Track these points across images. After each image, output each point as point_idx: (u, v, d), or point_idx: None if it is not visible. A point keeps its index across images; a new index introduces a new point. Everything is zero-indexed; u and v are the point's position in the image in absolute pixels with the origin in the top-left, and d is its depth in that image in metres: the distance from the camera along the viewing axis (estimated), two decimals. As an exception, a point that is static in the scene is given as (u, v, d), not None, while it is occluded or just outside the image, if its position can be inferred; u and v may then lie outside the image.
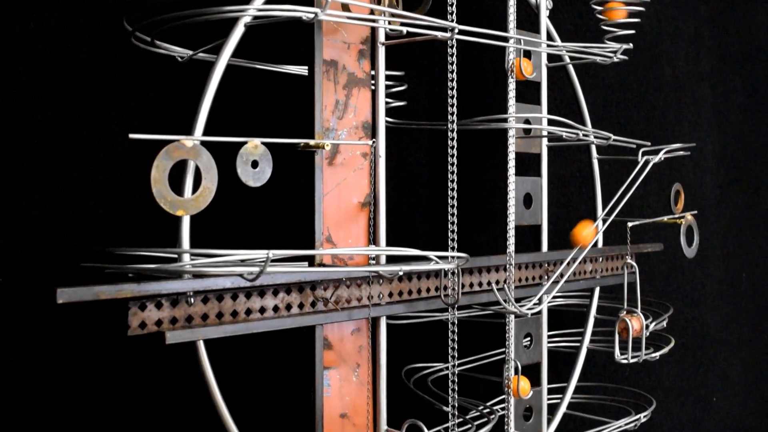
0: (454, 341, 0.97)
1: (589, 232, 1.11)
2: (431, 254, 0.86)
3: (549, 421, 1.22)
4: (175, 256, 0.78)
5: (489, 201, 1.32)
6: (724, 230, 1.88)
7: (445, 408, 1.05)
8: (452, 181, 0.94)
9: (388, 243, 0.97)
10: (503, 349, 1.12)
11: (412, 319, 1.16)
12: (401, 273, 0.86)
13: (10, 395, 0.83)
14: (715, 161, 1.84)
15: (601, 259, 1.26)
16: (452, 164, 0.94)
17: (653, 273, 1.67)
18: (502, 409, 1.13)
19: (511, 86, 1.07)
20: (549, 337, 1.31)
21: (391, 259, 0.95)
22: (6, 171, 0.82)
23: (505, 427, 1.09)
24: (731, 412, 1.92)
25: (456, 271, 0.93)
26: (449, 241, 0.91)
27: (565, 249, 1.15)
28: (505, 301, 1.00)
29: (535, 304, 1.03)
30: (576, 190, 1.47)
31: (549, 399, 1.24)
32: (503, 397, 1.11)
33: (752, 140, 1.96)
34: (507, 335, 1.08)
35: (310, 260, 0.89)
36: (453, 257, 0.89)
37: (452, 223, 0.93)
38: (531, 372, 1.25)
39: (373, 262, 0.94)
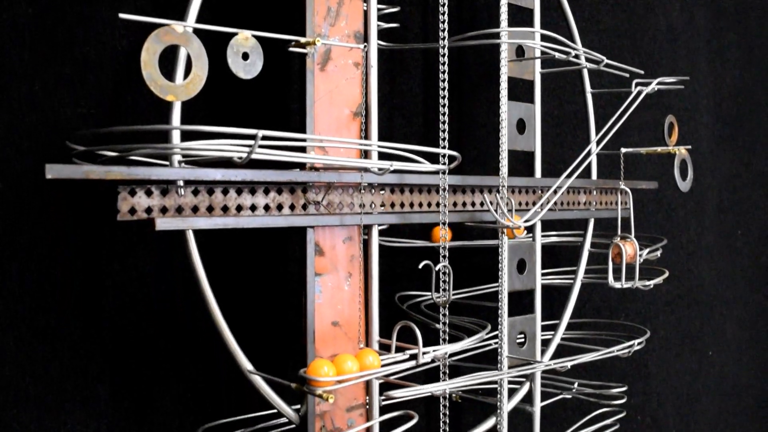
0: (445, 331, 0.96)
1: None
2: (420, 150, 0.85)
3: (543, 352, 1.22)
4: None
5: (483, 137, 1.32)
6: (720, 185, 1.88)
7: (436, 325, 1.05)
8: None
9: (381, 161, 0.97)
10: (496, 284, 1.12)
11: (405, 242, 1.16)
12: (391, 169, 0.86)
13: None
14: (710, 116, 1.84)
15: (595, 191, 1.26)
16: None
17: (648, 222, 1.67)
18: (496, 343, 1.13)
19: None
20: (543, 275, 1.31)
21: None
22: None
23: (499, 293, 1.09)
24: (727, 368, 1.92)
25: (447, 270, 0.93)
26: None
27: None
28: (496, 211, 0.99)
29: (528, 219, 1.03)
30: (570, 131, 1.47)
31: (543, 334, 1.24)
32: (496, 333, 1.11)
33: (747, 98, 1.96)
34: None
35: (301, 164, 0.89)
36: (444, 155, 0.89)
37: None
38: (525, 300, 1.25)
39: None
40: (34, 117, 0.83)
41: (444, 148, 0.90)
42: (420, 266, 1.03)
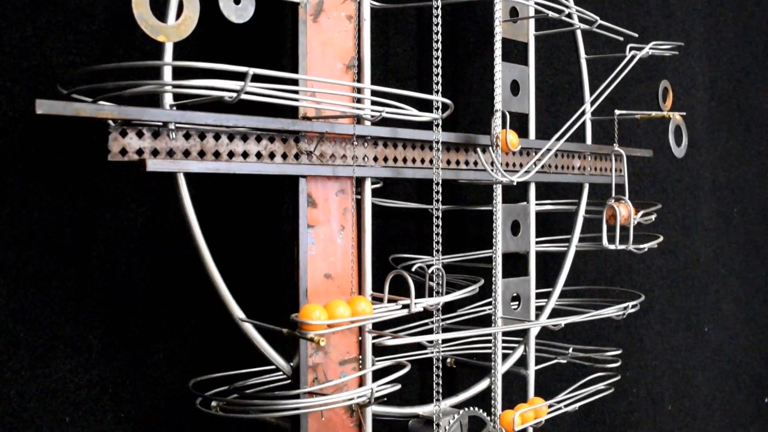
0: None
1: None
2: (413, 96, 0.85)
3: (538, 316, 1.21)
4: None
5: (478, 102, 1.32)
6: (715, 162, 1.88)
7: (430, 282, 1.05)
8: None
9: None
10: (490, 250, 1.11)
11: (398, 202, 1.16)
12: (384, 114, 0.85)
13: None
14: (705, 92, 1.84)
15: (589, 156, 1.26)
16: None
17: (643, 196, 1.67)
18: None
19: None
20: (539, 242, 1.31)
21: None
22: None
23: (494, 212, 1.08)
24: (723, 345, 1.92)
25: (441, 272, 0.92)
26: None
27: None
28: (491, 167, 0.99)
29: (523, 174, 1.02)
30: (565, 101, 1.47)
31: (538, 302, 1.23)
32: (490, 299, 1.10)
33: (743, 76, 1.96)
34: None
35: (294, 111, 0.89)
36: (437, 102, 0.89)
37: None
38: (520, 267, 1.25)
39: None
40: (25, 63, 0.83)
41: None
42: (413, 269, 1.02)
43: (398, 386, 0.89)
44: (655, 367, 1.70)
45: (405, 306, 0.87)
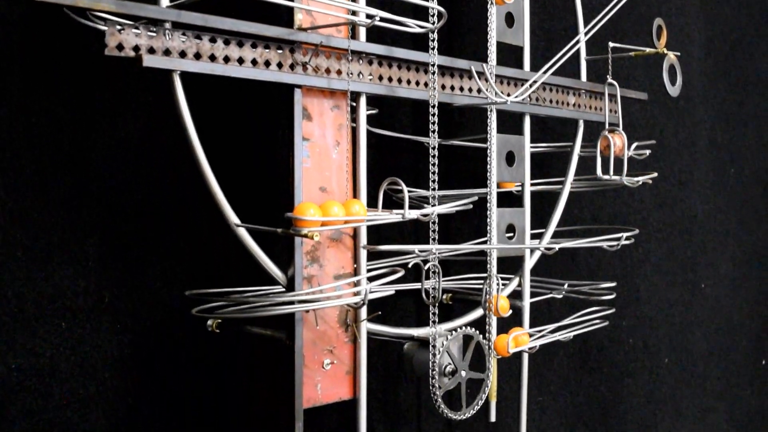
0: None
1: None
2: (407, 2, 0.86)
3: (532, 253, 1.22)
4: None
5: (473, 42, 1.33)
6: (712, 121, 1.89)
7: (426, 206, 1.06)
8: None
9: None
10: (486, 189, 1.12)
11: (393, 132, 1.17)
12: (378, 20, 0.86)
13: None
14: (702, 50, 1.85)
15: (584, 95, 1.27)
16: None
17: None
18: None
19: None
20: (533, 183, 1.31)
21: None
22: None
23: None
24: (720, 303, 1.93)
25: (438, 269, 0.93)
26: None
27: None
28: (486, 89, 1.00)
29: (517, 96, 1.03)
30: (560, 48, 1.47)
31: (533, 241, 1.24)
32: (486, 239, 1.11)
33: (741, 36, 1.97)
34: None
35: (289, 22, 0.90)
36: (433, 11, 0.90)
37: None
38: (515, 202, 1.26)
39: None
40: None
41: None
42: (409, 265, 1.02)
43: (392, 291, 0.89)
44: (652, 318, 1.71)
45: (399, 213, 0.88)
